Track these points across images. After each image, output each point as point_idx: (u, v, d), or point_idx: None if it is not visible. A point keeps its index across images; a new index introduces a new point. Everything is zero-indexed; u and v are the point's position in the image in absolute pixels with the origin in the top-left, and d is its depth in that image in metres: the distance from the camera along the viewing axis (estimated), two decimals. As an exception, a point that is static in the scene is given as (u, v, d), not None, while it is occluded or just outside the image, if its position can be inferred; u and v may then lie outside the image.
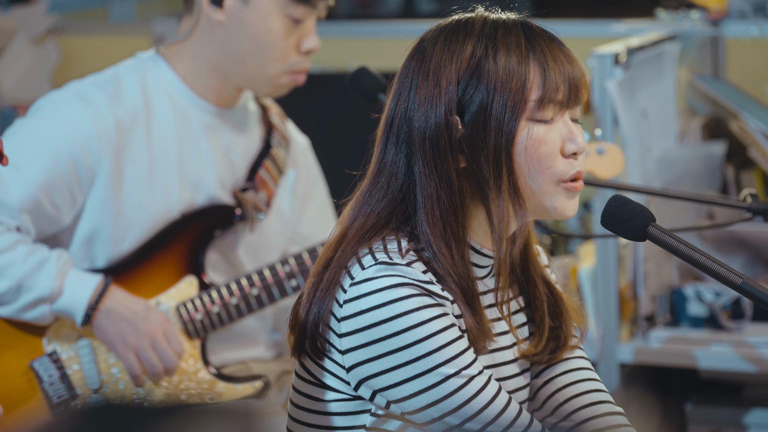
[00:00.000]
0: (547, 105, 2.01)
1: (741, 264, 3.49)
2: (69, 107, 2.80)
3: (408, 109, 2.03)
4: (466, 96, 2.01)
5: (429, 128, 2.01)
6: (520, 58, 2.01)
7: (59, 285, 2.73)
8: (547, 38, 2.04)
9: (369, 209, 2.05)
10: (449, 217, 2.01)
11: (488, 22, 2.04)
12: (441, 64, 2.02)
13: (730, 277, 2.01)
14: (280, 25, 2.83)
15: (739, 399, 3.51)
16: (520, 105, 2.00)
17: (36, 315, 2.75)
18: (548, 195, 2.04)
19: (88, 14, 5.39)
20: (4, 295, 2.73)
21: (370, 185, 2.07)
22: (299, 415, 2.10)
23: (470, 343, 2.01)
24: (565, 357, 2.17)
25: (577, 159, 2.05)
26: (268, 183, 2.98)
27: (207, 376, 2.87)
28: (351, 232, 2.04)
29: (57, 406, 2.78)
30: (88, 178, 2.80)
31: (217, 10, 2.84)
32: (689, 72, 3.78)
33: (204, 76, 2.89)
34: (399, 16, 6.55)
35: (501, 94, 2.00)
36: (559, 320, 2.16)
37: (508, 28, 2.03)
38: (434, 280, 2.00)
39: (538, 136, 2.01)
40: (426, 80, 2.02)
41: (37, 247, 2.76)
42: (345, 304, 2.00)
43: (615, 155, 2.94)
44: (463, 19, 2.07)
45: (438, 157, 2.01)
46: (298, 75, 2.89)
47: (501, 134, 2.00)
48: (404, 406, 1.99)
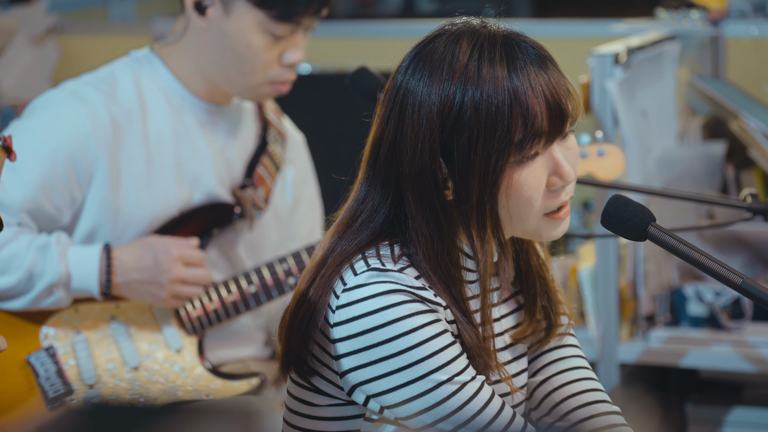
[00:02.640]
0: (530, 145, 1.98)
1: (741, 264, 3.49)
2: (65, 107, 2.80)
3: (396, 140, 2.01)
4: (450, 141, 1.98)
5: (415, 166, 1.99)
6: (502, 99, 1.96)
7: (64, 268, 2.74)
8: (530, 64, 1.99)
9: (352, 238, 2.03)
10: (443, 257, 2.01)
11: (474, 51, 1.98)
12: (426, 98, 1.98)
13: (730, 277, 2.01)
14: (261, 40, 2.80)
15: (739, 399, 3.51)
16: (505, 152, 1.97)
17: (53, 301, 2.76)
18: (533, 227, 2.04)
19: (88, 14, 5.39)
20: (17, 286, 2.74)
21: (355, 208, 2.05)
22: (294, 420, 2.10)
23: (468, 356, 2.01)
24: (561, 356, 2.17)
25: (563, 190, 2.03)
26: (266, 180, 2.99)
27: (204, 373, 2.87)
28: (333, 257, 2.03)
29: (53, 400, 2.78)
30: (86, 177, 2.80)
31: (200, 17, 2.83)
32: (689, 72, 3.77)
33: (196, 76, 2.89)
34: (399, 16, 6.55)
35: (483, 147, 1.96)
36: (549, 303, 2.16)
37: (492, 58, 1.98)
38: (427, 285, 2.00)
39: (520, 179, 1.99)
40: (414, 112, 1.99)
41: (37, 234, 2.77)
42: (338, 310, 2.00)
43: (616, 157, 2.94)
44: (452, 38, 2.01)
45: (425, 196, 2.00)
46: (281, 85, 2.87)
47: (486, 181, 1.97)
48: (397, 412, 1.99)
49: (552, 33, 4.21)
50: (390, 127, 2.02)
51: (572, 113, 2.01)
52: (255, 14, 2.78)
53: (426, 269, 2.00)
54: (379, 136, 2.04)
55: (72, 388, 2.80)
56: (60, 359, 2.81)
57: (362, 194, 2.05)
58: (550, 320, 2.16)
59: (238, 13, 2.79)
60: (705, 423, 3.48)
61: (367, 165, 2.06)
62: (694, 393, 3.54)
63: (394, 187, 2.02)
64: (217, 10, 2.81)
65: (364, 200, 2.05)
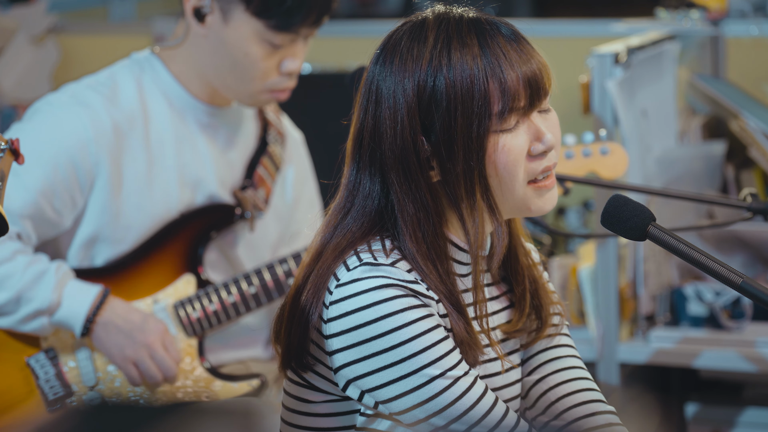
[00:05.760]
0: (509, 115, 2.00)
1: (741, 263, 3.49)
2: (66, 111, 2.79)
3: (375, 126, 2.03)
4: (429, 117, 2.00)
5: (397, 148, 2.01)
6: (477, 71, 1.98)
7: (57, 297, 2.73)
8: (501, 37, 2.02)
9: (345, 229, 2.05)
10: (431, 237, 2.02)
11: (441, 31, 2.01)
12: (401, 82, 2.01)
13: (730, 277, 2.01)
14: (259, 49, 2.80)
15: (739, 399, 3.51)
16: (485, 122, 1.99)
17: (35, 327, 2.75)
18: (520, 197, 2.04)
19: (88, 14, 5.39)
20: (3, 306, 2.73)
21: (344, 203, 2.07)
22: (290, 417, 2.11)
23: (459, 348, 2.01)
24: (556, 355, 2.17)
25: (545, 156, 2.04)
26: (266, 180, 2.98)
27: (204, 374, 2.87)
28: (327, 250, 2.05)
29: (53, 402, 2.78)
30: (87, 181, 2.79)
31: (199, 24, 2.83)
32: (689, 71, 3.78)
33: (197, 79, 2.89)
34: (399, 16, 6.52)
35: (463, 115, 1.98)
36: (539, 299, 2.16)
37: (461, 35, 2.01)
38: (419, 279, 2.00)
39: (503, 147, 2.00)
40: (389, 95, 2.02)
41: (37, 257, 2.76)
42: (331, 306, 2.00)
43: (619, 155, 2.94)
44: (417, 23, 2.04)
45: (410, 178, 2.01)
46: (279, 93, 2.86)
47: (470, 154, 1.99)
48: (391, 406, 2.00)
49: (552, 33, 4.21)
50: (368, 116, 2.04)
51: (547, 85, 2.03)
52: (253, 24, 2.78)
53: (413, 252, 2.00)
54: (360, 126, 2.06)
55: (72, 390, 2.80)
56: (60, 361, 2.80)
57: (350, 185, 2.07)
58: (540, 317, 2.16)
59: (236, 21, 2.79)
60: (705, 423, 3.48)
61: (351, 157, 2.07)
62: (694, 393, 3.54)
63: (379, 174, 2.03)
64: (216, 18, 2.80)
65: (353, 190, 2.06)
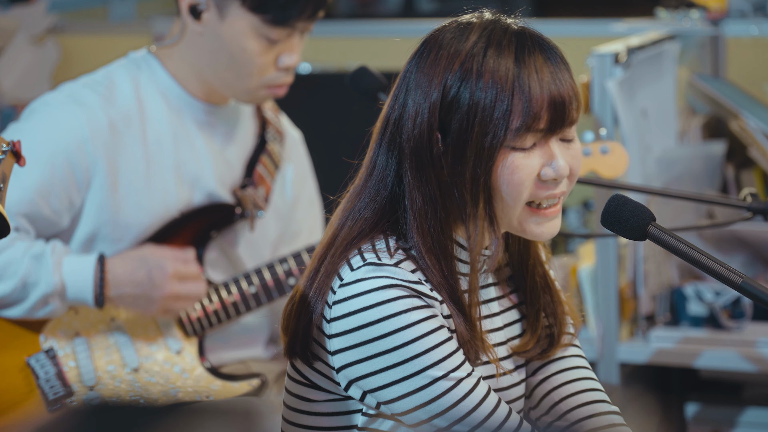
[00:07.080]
0: (526, 134, 1.99)
1: (741, 263, 3.49)
2: (62, 110, 2.79)
3: (401, 114, 2.04)
4: (448, 116, 2.00)
5: (414, 140, 2.01)
6: (505, 83, 1.98)
7: (59, 279, 2.74)
8: (540, 55, 2.01)
9: (357, 215, 2.05)
10: (437, 232, 2.02)
11: (482, 36, 2.02)
12: (431, 77, 2.01)
13: (730, 277, 2.01)
14: (255, 44, 2.79)
15: (739, 399, 3.51)
16: (500, 135, 1.98)
17: (49, 311, 2.76)
18: (517, 218, 2.04)
19: (88, 14, 5.39)
20: (12, 294, 2.73)
21: (360, 188, 2.07)
22: (292, 416, 2.11)
23: (462, 349, 2.01)
24: (561, 355, 2.17)
25: (555, 184, 2.03)
26: (265, 179, 2.98)
27: (204, 374, 2.87)
28: (339, 239, 2.05)
29: (53, 402, 2.78)
30: (84, 180, 2.79)
31: (195, 21, 2.83)
32: (689, 71, 3.78)
33: (194, 78, 2.89)
34: (399, 16, 6.54)
35: (481, 123, 1.98)
36: (554, 318, 2.15)
37: (500, 44, 2.01)
38: (423, 279, 2.00)
39: (512, 164, 2.00)
40: (418, 89, 2.02)
41: (34, 241, 2.76)
42: (334, 306, 2.00)
43: (619, 154, 2.94)
44: (463, 24, 2.05)
45: (422, 171, 2.01)
46: (277, 89, 2.86)
47: (479, 162, 1.99)
48: (393, 407, 1.99)
49: (552, 33, 4.17)
50: (397, 102, 2.05)
51: (574, 114, 2.02)
52: (249, 19, 2.78)
53: (418, 245, 2.00)
54: (388, 111, 2.07)
55: (72, 389, 2.80)
56: (60, 361, 2.80)
57: (370, 167, 2.07)
58: (552, 337, 2.15)
59: (232, 17, 2.79)
60: (705, 423, 3.48)
61: (375, 140, 2.08)
62: (694, 393, 3.54)
63: (396, 161, 2.04)
64: (212, 15, 2.80)
65: (371, 171, 2.07)
